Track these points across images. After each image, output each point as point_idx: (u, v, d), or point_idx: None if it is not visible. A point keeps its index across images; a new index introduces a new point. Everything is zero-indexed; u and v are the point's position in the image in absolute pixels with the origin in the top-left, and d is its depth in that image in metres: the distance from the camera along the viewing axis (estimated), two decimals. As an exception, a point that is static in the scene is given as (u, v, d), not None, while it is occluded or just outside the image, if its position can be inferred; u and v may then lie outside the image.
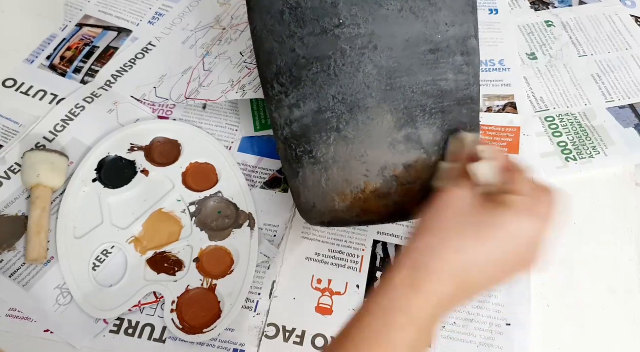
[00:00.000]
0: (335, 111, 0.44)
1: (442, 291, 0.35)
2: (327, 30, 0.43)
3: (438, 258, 0.35)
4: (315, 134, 0.45)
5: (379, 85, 0.43)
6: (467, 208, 0.37)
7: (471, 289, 0.36)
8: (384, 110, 0.44)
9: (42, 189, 0.56)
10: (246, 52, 0.65)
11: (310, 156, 0.46)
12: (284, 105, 0.46)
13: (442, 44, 0.43)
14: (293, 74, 0.45)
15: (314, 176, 0.47)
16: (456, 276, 0.35)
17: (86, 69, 0.68)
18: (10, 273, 0.53)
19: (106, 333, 0.51)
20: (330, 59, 0.43)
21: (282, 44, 0.44)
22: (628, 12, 0.75)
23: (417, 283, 0.34)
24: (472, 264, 0.35)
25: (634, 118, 0.64)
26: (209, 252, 0.55)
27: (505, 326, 0.51)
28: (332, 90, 0.44)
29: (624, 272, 0.55)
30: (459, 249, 0.35)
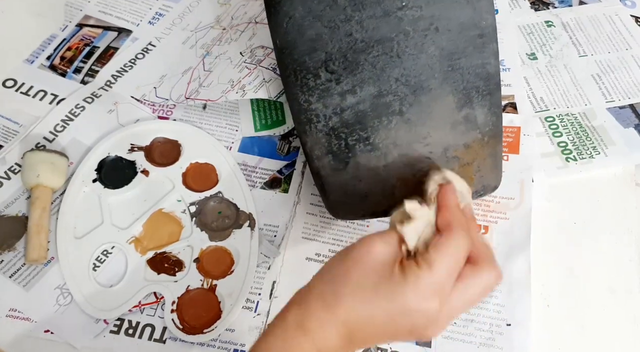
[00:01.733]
0: (398, 94, 0.45)
1: (327, 338, 0.34)
2: (390, 13, 0.43)
3: (328, 310, 0.35)
4: (374, 118, 0.45)
5: (440, 67, 0.44)
6: (378, 268, 0.35)
7: (358, 344, 0.36)
8: (445, 91, 0.45)
9: (42, 189, 0.56)
10: (246, 52, 0.65)
11: (367, 143, 0.46)
12: (334, 93, 0.45)
13: (486, 29, 0.44)
14: (348, 59, 0.44)
15: (370, 164, 0.46)
16: (343, 329, 0.34)
17: (86, 69, 0.68)
18: (10, 273, 0.53)
19: (106, 333, 0.51)
20: (393, 41, 0.44)
21: (334, 29, 0.44)
22: (628, 12, 0.75)
23: (308, 327, 0.34)
24: (362, 323, 0.35)
25: (634, 118, 0.64)
26: (209, 252, 0.55)
27: (505, 326, 0.51)
28: (394, 73, 0.44)
29: (624, 272, 0.55)
30: (353, 307, 0.34)
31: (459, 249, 0.36)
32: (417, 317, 0.34)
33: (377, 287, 0.35)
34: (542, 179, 0.60)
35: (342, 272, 0.36)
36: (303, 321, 0.35)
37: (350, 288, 0.35)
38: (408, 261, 0.36)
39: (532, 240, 0.55)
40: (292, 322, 0.35)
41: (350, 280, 0.35)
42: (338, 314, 0.34)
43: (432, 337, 0.36)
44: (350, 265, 0.36)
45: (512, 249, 0.55)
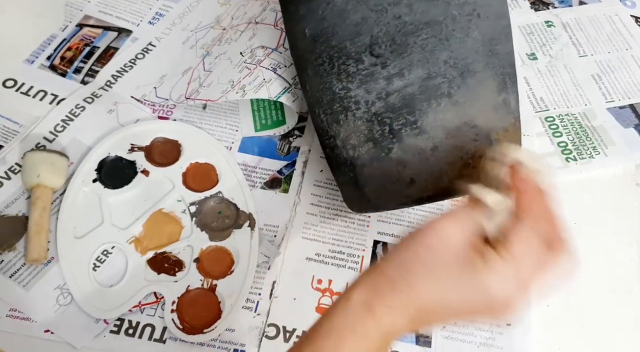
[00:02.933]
0: (447, 76, 0.45)
1: (394, 322, 0.34)
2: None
3: (398, 294, 0.34)
4: (423, 102, 0.45)
5: (483, 51, 0.45)
6: (454, 253, 0.35)
7: (424, 325, 0.36)
8: (488, 75, 0.45)
9: (42, 189, 0.56)
10: (246, 52, 0.65)
11: (414, 127, 0.45)
12: (378, 77, 0.45)
13: (510, 21, 0.45)
14: (396, 42, 0.44)
15: (417, 148, 0.46)
16: (412, 315, 0.34)
17: (86, 69, 0.68)
18: (10, 273, 0.53)
19: (106, 333, 0.51)
20: (442, 24, 0.44)
21: (381, 13, 0.44)
22: (628, 12, 0.75)
23: (374, 309, 0.34)
24: (433, 307, 0.34)
25: (634, 118, 0.64)
26: (209, 252, 0.55)
27: (505, 325, 0.51)
28: (443, 55, 0.44)
29: (624, 272, 0.55)
30: (426, 292, 0.34)
31: (539, 239, 0.35)
32: (496, 304, 0.34)
33: (454, 273, 0.34)
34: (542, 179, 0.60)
35: (413, 257, 0.35)
36: (371, 304, 0.34)
37: (424, 273, 0.34)
38: (485, 247, 0.35)
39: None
40: (358, 304, 0.34)
41: (423, 265, 0.35)
42: (409, 299, 0.34)
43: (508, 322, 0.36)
44: (423, 250, 0.35)
45: (512, 249, 0.55)
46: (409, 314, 0.34)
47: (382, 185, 0.48)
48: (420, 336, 0.51)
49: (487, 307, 0.35)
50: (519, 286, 0.34)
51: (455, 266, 0.34)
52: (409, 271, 0.35)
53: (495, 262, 0.34)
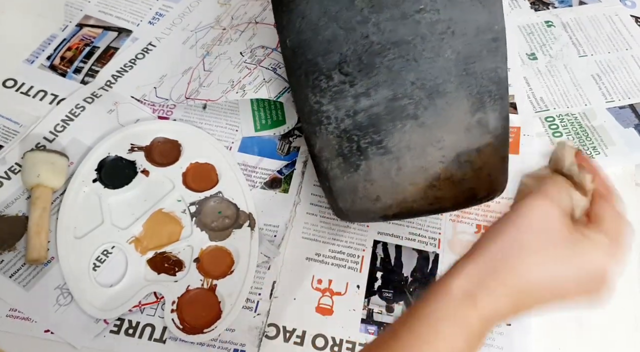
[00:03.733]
0: (413, 97, 0.44)
1: (498, 308, 0.34)
2: (408, 15, 0.43)
3: (502, 280, 0.34)
4: (388, 122, 0.45)
5: (456, 70, 0.44)
6: (553, 227, 0.35)
7: (525, 308, 0.35)
8: (460, 95, 0.44)
9: (42, 189, 0.56)
10: (246, 52, 0.65)
11: (379, 146, 0.45)
12: (347, 95, 0.45)
13: (499, 33, 0.44)
14: (363, 61, 0.44)
15: (382, 167, 0.46)
16: (514, 297, 0.34)
17: (86, 69, 0.68)
18: (10, 273, 0.53)
19: (106, 333, 0.51)
20: (410, 44, 0.43)
21: (349, 31, 0.43)
22: (628, 12, 0.75)
23: (475, 297, 0.34)
24: (538, 287, 0.34)
25: (634, 118, 0.64)
26: (209, 252, 0.55)
27: (505, 326, 0.51)
28: (410, 76, 0.44)
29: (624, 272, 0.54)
30: (530, 272, 0.34)
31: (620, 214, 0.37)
32: (597, 277, 0.35)
33: (558, 250, 0.35)
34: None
35: (513, 240, 0.35)
36: (473, 293, 0.34)
37: (526, 253, 0.34)
38: (579, 223, 0.36)
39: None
40: (460, 294, 0.34)
41: (525, 247, 0.35)
42: (512, 283, 0.34)
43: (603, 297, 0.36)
44: (523, 232, 0.35)
45: (512, 249, 0.55)
46: (511, 299, 0.34)
47: (352, 199, 0.48)
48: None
49: (589, 282, 0.35)
50: (616, 258, 0.35)
51: (559, 243, 0.35)
52: (510, 255, 0.35)
53: (596, 237, 0.35)
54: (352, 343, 0.51)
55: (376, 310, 0.53)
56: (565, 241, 0.35)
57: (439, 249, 0.56)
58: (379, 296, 0.53)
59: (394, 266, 0.55)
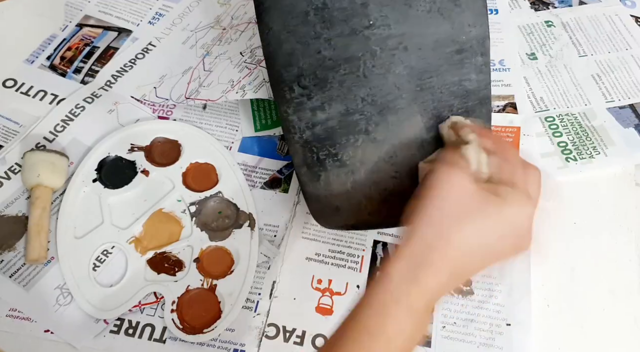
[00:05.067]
0: (364, 113, 0.44)
1: (439, 282, 0.35)
2: (357, 31, 0.43)
3: (438, 252, 0.35)
4: (342, 136, 0.45)
5: (409, 86, 0.43)
6: (466, 195, 0.37)
7: (464, 275, 0.37)
8: (414, 111, 0.44)
9: (42, 189, 0.56)
10: (246, 52, 0.65)
11: (335, 159, 0.46)
12: (306, 108, 0.45)
13: (466, 44, 0.43)
14: (318, 76, 0.44)
15: (339, 179, 0.46)
16: (453, 267, 0.36)
17: (86, 69, 0.68)
18: (10, 273, 0.53)
19: (106, 333, 0.51)
20: (360, 60, 0.43)
21: (305, 46, 0.44)
22: (628, 12, 0.75)
23: (416, 276, 0.35)
24: (469, 254, 0.36)
25: (634, 118, 0.64)
26: (209, 252, 0.55)
27: (505, 326, 0.51)
28: (361, 92, 0.44)
29: (624, 272, 0.55)
30: (460, 241, 0.36)
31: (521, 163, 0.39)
32: (522, 231, 0.37)
33: (478, 213, 0.36)
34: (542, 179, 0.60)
35: (436, 213, 0.36)
36: (412, 272, 0.35)
37: (452, 224, 0.36)
38: (490, 185, 0.37)
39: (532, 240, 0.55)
40: (397, 276, 0.35)
41: (448, 217, 0.36)
42: (447, 253, 0.35)
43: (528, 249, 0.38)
44: (441, 203, 0.37)
45: (512, 249, 0.55)
46: (449, 269, 0.35)
47: (318, 206, 0.49)
48: (420, 336, 0.51)
49: (515, 237, 0.37)
50: (529, 207, 0.37)
51: (476, 206, 0.36)
52: (437, 229, 0.36)
53: (508, 194, 0.37)
54: (352, 343, 0.51)
55: (376, 310, 0.53)
56: (480, 204, 0.36)
57: (439, 249, 0.56)
58: (379, 296, 0.53)
59: (394, 266, 0.55)
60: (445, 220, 0.36)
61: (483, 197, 0.37)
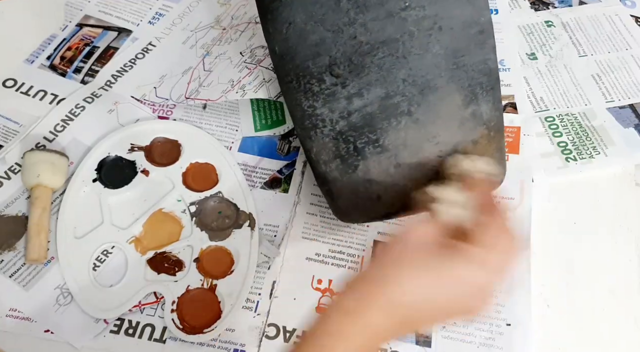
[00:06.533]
0: (406, 94, 0.44)
1: (377, 322, 0.35)
2: (393, 13, 0.43)
3: (378, 290, 0.36)
4: (383, 120, 0.45)
5: (446, 65, 0.44)
6: (424, 247, 0.37)
7: (409, 325, 0.37)
8: (452, 89, 0.44)
9: (42, 189, 0.56)
10: (246, 52, 0.65)
11: (376, 145, 0.46)
12: (340, 97, 0.45)
13: (485, 25, 0.44)
14: (354, 62, 0.44)
15: (381, 166, 0.46)
16: (394, 312, 0.35)
17: (86, 69, 0.68)
18: (10, 273, 0.53)
19: (106, 333, 0.51)
20: (399, 42, 0.43)
21: (337, 33, 0.44)
22: (628, 12, 0.75)
23: (353, 311, 0.35)
24: (413, 303, 0.36)
25: (634, 118, 0.64)
26: (209, 252, 0.55)
27: (505, 326, 0.51)
28: (401, 74, 0.44)
29: (624, 272, 0.55)
30: (401, 286, 0.36)
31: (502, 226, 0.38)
32: (466, 291, 0.36)
33: (432, 266, 0.36)
34: (542, 179, 0.60)
35: (394, 259, 0.37)
36: (360, 306, 0.35)
37: (402, 270, 0.36)
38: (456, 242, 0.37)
39: (532, 240, 0.55)
40: (346, 308, 0.35)
41: (403, 265, 0.36)
42: (392, 297, 0.35)
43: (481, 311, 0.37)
44: (400, 252, 0.37)
45: (512, 249, 0.55)
46: (391, 315, 0.35)
47: (353, 200, 0.49)
48: (420, 336, 0.51)
49: (465, 297, 0.36)
50: (494, 270, 0.36)
51: (431, 259, 0.36)
52: (392, 272, 0.36)
53: (468, 251, 0.36)
54: (352, 343, 0.51)
55: (376, 310, 0.53)
56: (434, 256, 0.36)
57: (439, 249, 0.56)
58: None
59: (394, 266, 0.55)
60: (400, 269, 0.36)
61: (442, 251, 0.37)
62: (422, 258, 0.37)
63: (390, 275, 0.36)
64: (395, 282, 0.36)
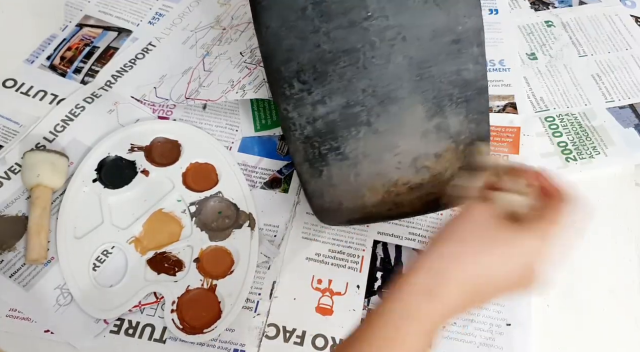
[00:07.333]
0: (365, 104, 0.44)
1: (454, 299, 0.35)
2: (356, 23, 0.43)
3: (456, 267, 0.36)
4: (343, 129, 0.45)
5: (409, 76, 0.44)
6: (487, 223, 0.38)
7: (477, 299, 0.37)
8: (415, 101, 0.44)
9: (42, 189, 0.56)
10: (246, 52, 0.65)
11: (338, 153, 0.46)
12: (306, 103, 0.45)
13: (463, 34, 0.43)
14: (317, 70, 0.44)
15: (342, 173, 0.47)
16: (469, 286, 0.36)
17: (86, 69, 0.68)
18: (10, 273, 0.53)
19: (106, 333, 0.51)
20: (359, 52, 0.43)
21: (304, 40, 0.44)
22: (628, 12, 0.75)
23: (434, 291, 0.35)
24: (484, 276, 0.36)
25: (634, 118, 0.64)
26: (209, 252, 0.55)
27: (505, 326, 0.52)
28: (361, 84, 0.44)
29: (624, 272, 0.55)
30: (476, 261, 0.36)
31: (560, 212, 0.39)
32: (529, 261, 0.37)
33: (496, 237, 0.37)
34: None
35: (457, 239, 0.38)
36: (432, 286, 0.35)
37: (468, 252, 0.37)
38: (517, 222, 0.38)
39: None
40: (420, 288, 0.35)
41: (466, 245, 0.37)
42: (461, 277, 0.36)
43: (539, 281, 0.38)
44: (463, 231, 0.38)
45: (512, 249, 0.55)
46: (470, 291, 0.36)
47: (321, 203, 0.49)
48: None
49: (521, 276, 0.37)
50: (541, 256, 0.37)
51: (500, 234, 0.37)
52: (457, 254, 0.37)
53: (524, 235, 0.37)
54: (352, 343, 0.51)
55: (376, 310, 0.53)
56: (501, 231, 0.38)
57: (439, 249, 0.56)
58: (379, 296, 0.53)
59: (394, 266, 0.55)
60: (467, 243, 0.37)
61: (503, 225, 0.38)
62: (492, 234, 0.37)
63: (466, 251, 0.37)
64: (472, 257, 0.36)
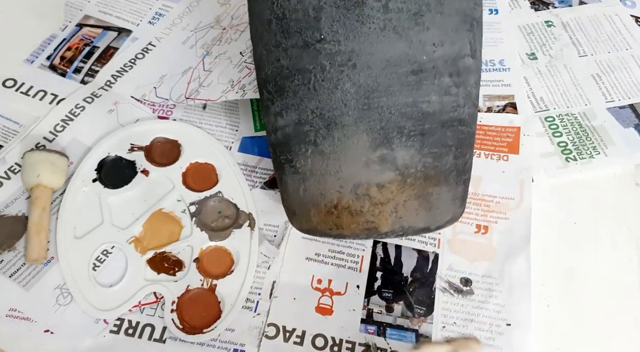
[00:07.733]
0: (314, 125, 0.44)
1: None
2: (309, 44, 0.42)
3: None
4: (295, 144, 0.45)
5: (355, 104, 0.42)
6: None
7: None
8: (359, 129, 0.43)
9: (42, 189, 0.56)
10: (246, 52, 0.65)
11: (291, 165, 0.47)
12: (270, 112, 0.47)
13: (427, 64, 0.41)
14: (277, 83, 0.45)
15: (294, 185, 0.47)
16: None
17: (86, 69, 0.68)
18: (10, 273, 0.53)
19: (106, 333, 0.51)
20: (311, 73, 0.43)
21: (269, 52, 0.44)
22: (628, 12, 0.75)
23: None
24: None
25: (634, 118, 0.64)
26: (209, 252, 0.55)
27: (505, 326, 0.52)
28: (311, 104, 0.44)
29: (624, 272, 0.55)
30: None
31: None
32: None
33: None
34: (542, 179, 0.60)
35: None
36: None
37: None
38: None
39: (532, 240, 0.55)
40: None
41: None
42: None
43: None
44: None
45: (512, 249, 0.55)
46: None
47: (286, 206, 0.51)
48: (420, 336, 0.51)
49: None
50: None
51: None
52: None
53: None
54: (351, 343, 0.51)
55: (376, 310, 0.53)
56: None
57: (438, 249, 0.56)
58: (378, 295, 0.53)
59: (394, 265, 0.55)
60: None
61: None
62: None
63: None
64: None
